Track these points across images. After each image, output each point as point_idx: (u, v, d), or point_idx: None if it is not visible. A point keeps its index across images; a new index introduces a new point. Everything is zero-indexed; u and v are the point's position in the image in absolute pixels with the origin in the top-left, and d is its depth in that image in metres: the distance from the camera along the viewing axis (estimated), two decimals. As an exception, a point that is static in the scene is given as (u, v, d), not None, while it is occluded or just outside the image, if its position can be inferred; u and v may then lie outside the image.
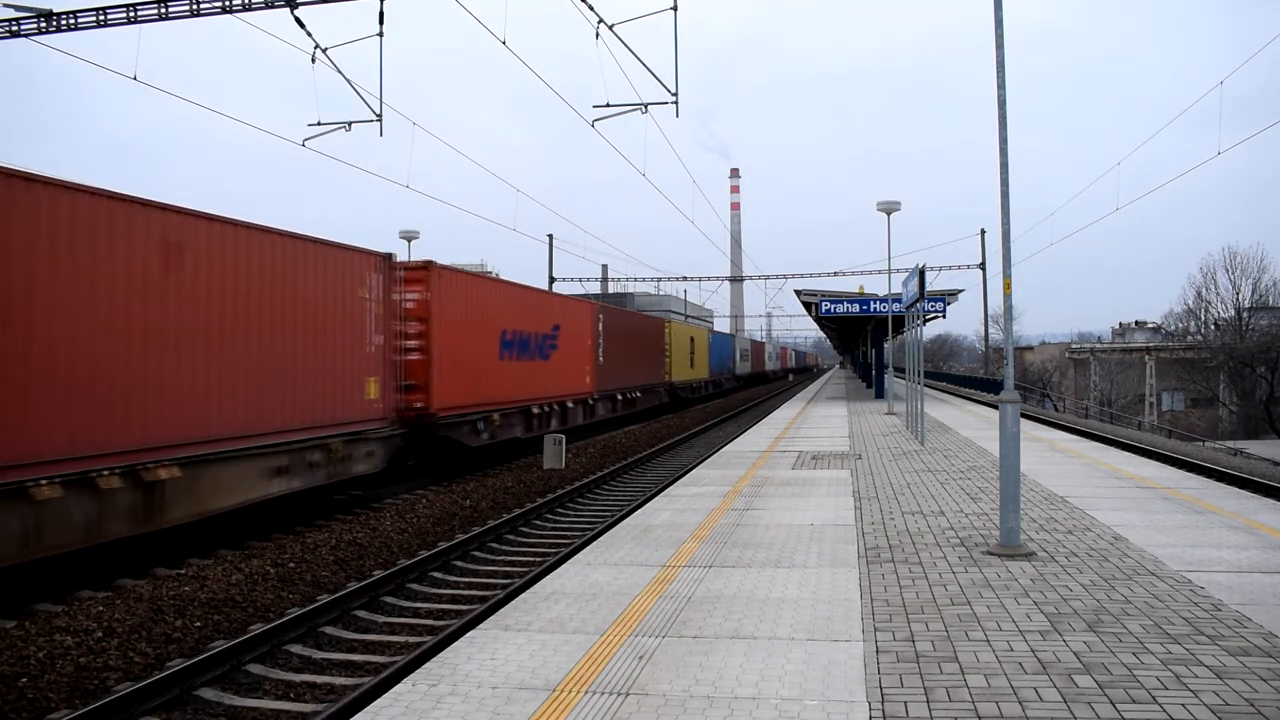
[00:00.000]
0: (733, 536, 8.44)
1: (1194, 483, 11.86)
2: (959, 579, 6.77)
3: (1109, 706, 4.31)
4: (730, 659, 5.06)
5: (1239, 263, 65.86)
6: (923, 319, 21.96)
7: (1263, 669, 4.76)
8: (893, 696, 4.49)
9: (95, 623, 7.99)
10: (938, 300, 29.06)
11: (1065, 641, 5.26)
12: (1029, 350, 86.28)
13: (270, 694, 7.02)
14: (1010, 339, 8.39)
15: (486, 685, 4.74)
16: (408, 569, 10.19)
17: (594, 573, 7.13)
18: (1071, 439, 19.22)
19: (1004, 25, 8.05)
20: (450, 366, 16.13)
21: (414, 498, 15.13)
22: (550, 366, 21.97)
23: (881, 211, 26.23)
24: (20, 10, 16.32)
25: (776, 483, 11.94)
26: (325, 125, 17.62)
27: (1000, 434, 7.91)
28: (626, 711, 4.36)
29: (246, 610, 8.85)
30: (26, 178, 8.48)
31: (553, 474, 18.24)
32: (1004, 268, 8.19)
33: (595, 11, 14.50)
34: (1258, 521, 8.75)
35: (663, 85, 16.90)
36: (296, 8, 14.94)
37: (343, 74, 15.48)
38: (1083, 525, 8.76)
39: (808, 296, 33.39)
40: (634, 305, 63.72)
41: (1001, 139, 8.00)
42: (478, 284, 18.75)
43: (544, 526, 13.59)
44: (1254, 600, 6.02)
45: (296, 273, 12.20)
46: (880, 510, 9.79)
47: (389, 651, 7.98)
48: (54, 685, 6.77)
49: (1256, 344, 60.56)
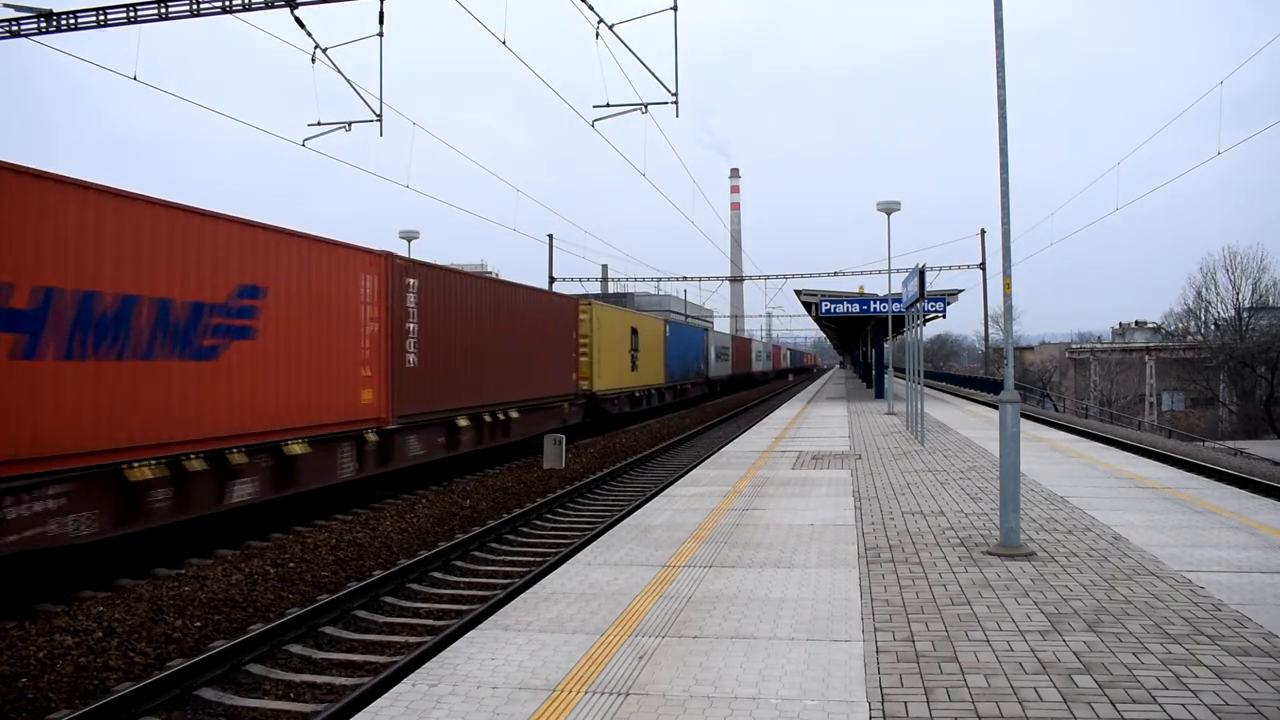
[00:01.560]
0: (733, 536, 8.43)
1: (1194, 483, 11.86)
2: (959, 579, 6.76)
3: (1109, 706, 4.31)
4: (730, 659, 5.05)
5: (1239, 263, 65.94)
6: (923, 319, 21.96)
7: (1263, 669, 4.76)
8: (893, 696, 4.49)
9: (95, 623, 7.98)
10: (938, 300, 29.06)
11: (1065, 641, 5.26)
12: (1029, 350, 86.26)
13: (270, 694, 7.02)
14: (1010, 339, 8.39)
15: (486, 685, 4.74)
16: (408, 569, 10.19)
17: (594, 573, 7.13)
18: (1071, 439, 19.22)
19: (1004, 25, 8.05)
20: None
21: (414, 498, 15.13)
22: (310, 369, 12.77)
23: (881, 211, 26.25)
24: (20, 10, 16.33)
25: (776, 483, 11.94)
26: (325, 125, 17.64)
27: (1000, 434, 7.91)
28: (626, 711, 4.36)
29: (246, 610, 8.85)
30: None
31: (553, 474, 18.24)
32: (1004, 268, 8.19)
33: (595, 11, 14.50)
34: (1258, 521, 8.75)
35: (663, 85, 16.91)
36: (296, 8, 14.95)
37: (343, 74, 15.49)
38: (1083, 525, 8.76)
39: (808, 296, 33.39)
40: (634, 305, 61.02)
41: (1001, 139, 8.00)
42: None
43: (544, 526, 13.59)
44: (1254, 600, 6.02)
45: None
46: (880, 510, 9.78)
47: (389, 651, 7.98)
48: (54, 685, 6.77)
49: (1256, 344, 60.55)
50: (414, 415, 15.26)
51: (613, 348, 28.00)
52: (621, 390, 29.12)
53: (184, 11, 16.05)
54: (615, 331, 28.54)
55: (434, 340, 15.94)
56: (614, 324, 28.53)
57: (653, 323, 35.42)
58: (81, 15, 16.33)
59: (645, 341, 32.59)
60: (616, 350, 28.51)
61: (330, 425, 12.86)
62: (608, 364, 27.23)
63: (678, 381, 38.48)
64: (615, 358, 28.31)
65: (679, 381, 38.84)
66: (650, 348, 33.53)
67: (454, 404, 16.75)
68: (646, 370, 32.75)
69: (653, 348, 34.08)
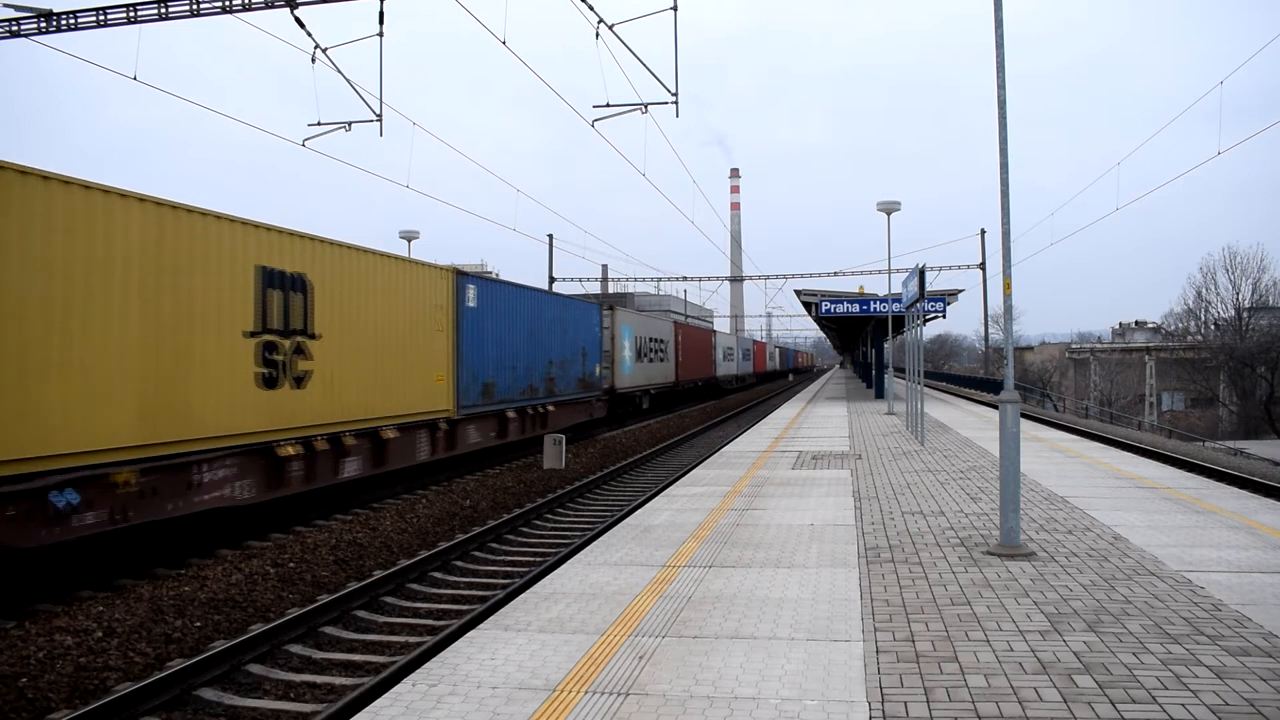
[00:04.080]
0: (733, 536, 8.44)
1: (1194, 483, 11.86)
2: (959, 579, 6.76)
3: (1109, 706, 4.31)
4: (730, 659, 5.05)
5: (1239, 263, 66.01)
6: (923, 319, 21.96)
7: (1263, 669, 4.76)
8: (893, 696, 4.49)
9: (95, 623, 7.98)
10: (938, 300, 29.07)
11: (1065, 641, 5.26)
12: (1029, 350, 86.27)
13: (270, 694, 7.02)
14: (1010, 339, 8.39)
15: (486, 685, 4.74)
16: (408, 569, 10.19)
17: (594, 573, 7.13)
18: (1071, 439, 19.22)
19: (1004, 25, 8.05)
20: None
21: (414, 498, 15.13)
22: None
23: (881, 211, 26.24)
24: (20, 10, 16.33)
25: (776, 483, 11.94)
26: (325, 125, 17.64)
27: (1000, 434, 7.91)
28: (626, 711, 4.36)
29: (246, 610, 8.84)
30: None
31: (553, 474, 18.24)
32: (1004, 268, 8.19)
33: (595, 11, 14.50)
34: (1258, 521, 8.75)
35: (662, 85, 16.92)
36: (296, 8, 14.95)
37: (343, 74, 15.49)
38: (1083, 525, 8.76)
39: (808, 296, 33.40)
40: (634, 305, 58.50)
41: (1001, 139, 8.00)
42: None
43: (544, 526, 13.58)
44: (1254, 600, 6.03)
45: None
46: (880, 510, 9.78)
47: (389, 651, 7.98)
48: (54, 685, 6.76)
49: (1256, 344, 60.56)
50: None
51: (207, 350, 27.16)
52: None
53: (184, 11, 16.05)
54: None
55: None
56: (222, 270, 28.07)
57: (420, 272, 20.54)
58: (81, 15, 16.34)
59: (395, 324, 23.41)
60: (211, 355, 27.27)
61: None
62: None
63: (520, 402, 19.99)
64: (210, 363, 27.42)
65: (527, 398, 20.28)
66: (420, 335, 20.56)
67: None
68: (422, 384, 22.43)
69: (427, 338, 19.27)
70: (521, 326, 19.87)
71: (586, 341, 24.99)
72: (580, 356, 24.30)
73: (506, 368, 19.06)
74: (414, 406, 15.40)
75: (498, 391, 18.48)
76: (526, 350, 20.10)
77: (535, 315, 20.83)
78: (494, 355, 18.42)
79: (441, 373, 16.36)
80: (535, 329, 20.70)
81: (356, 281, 13.72)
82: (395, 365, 14.75)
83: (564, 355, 22.80)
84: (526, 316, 20.21)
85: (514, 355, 19.43)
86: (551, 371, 21.76)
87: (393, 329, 14.75)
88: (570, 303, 24.70)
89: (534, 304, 20.95)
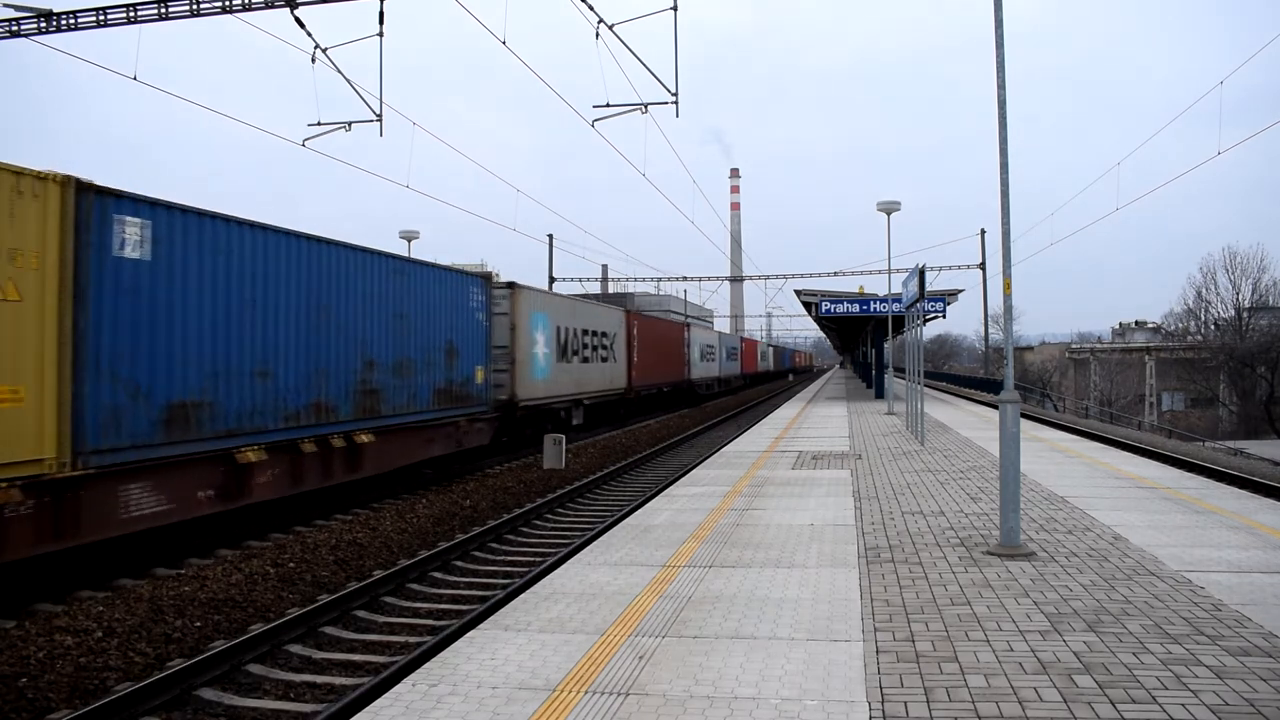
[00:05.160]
0: (733, 536, 8.44)
1: (1194, 483, 11.86)
2: (959, 579, 6.77)
3: (1109, 706, 4.31)
4: (730, 659, 5.05)
5: (1239, 263, 65.99)
6: (923, 319, 21.96)
7: (1263, 669, 4.76)
8: (893, 696, 4.49)
9: (95, 623, 7.98)
10: (938, 300, 29.07)
11: (1065, 641, 5.26)
12: (1029, 350, 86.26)
13: (270, 694, 7.02)
14: (1010, 339, 8.39)
15: (486, 685, 4.74)
16: (408, 569, 10.19)
17: (594, 573, 7.13)
18: (1071, 439, 19.22)
19: (1004, 25, 8.05)
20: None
21: (414, 498, 15.13)
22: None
23: (881, 211, 26.25)
24: (20, 10, 16.33)
25: (776, 483, 11.94)
26: (325, 125, 17.63)
27: (1000, 434, 7.91)
28: (626, 711, 4.36)
29: (246, 610, 8.85)
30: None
31: (553, 474, 18.24)
32: (1004, 268, 8.19)
33: (595, 11, 14.50)
34: (1258, 521, 8.75)
35: (662, 85, 16.92)
36: (296, 8, 14.95)
37: (343, 74, 15.49)
38: (1083, 525, 8.76)
39: (808, 296, 33.41)
40: (634, 305, 57.42)
41: (1001, 139, 8.00)
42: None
43: (544, 526, 13.59)
44: (1254, 600, 6.03)
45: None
46: (880, 510, 9.79)
47: (389, 651, 7.98)
48: (54, 685, 6.77)
49: (1256, 344, 60.55)
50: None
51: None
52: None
53: (184, 11, 16.05)
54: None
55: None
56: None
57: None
58: (81, 15, 16.34)
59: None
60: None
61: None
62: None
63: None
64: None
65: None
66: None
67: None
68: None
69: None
70: (291, 299, 12.08)
71: (457, 331, 16.86)
72: (444, 354, 16.30)
73: (248, 372, 11.21)
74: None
75: (219, 415, 10.69)
76: (305, 340, 12.36)
77: (329, 283, 12.95)
78: (210, 348, 10.60)
79: (22, 384, 8.28)
80: (331, 306, 12.93)
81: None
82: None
83: (404, 352, 14.85)
84: (304, 283, 12.38)
85: (268, 348, 11.61)
86: (373, 377, 13.91)
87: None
88: (422, 271, 16.08)
89: (325, 264, 12.89)
